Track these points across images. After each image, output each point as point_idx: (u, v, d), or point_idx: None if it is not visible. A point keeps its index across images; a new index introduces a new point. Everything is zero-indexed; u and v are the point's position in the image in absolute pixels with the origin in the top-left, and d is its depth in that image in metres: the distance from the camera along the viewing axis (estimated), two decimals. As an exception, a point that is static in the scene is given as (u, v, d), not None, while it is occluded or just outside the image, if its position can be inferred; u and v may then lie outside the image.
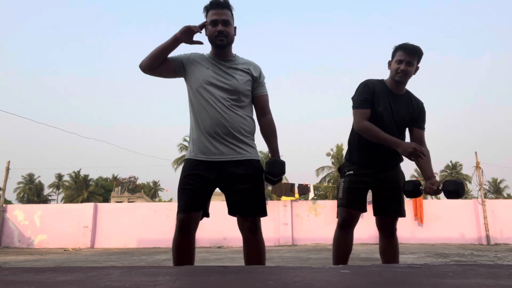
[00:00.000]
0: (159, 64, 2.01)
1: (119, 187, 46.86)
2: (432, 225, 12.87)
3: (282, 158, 2.17)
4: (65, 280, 1.27)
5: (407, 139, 2.58)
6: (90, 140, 51.27)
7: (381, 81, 2.45)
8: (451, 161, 49.78)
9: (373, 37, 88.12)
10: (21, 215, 13.61)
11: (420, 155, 2.13)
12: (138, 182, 54.90)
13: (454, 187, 2.26)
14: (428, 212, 13.02)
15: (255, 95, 2.10)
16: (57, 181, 50.52)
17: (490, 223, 12.69)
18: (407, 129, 2.53)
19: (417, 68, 2.40)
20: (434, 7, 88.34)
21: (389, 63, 2.43)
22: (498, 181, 49.29)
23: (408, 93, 2.49)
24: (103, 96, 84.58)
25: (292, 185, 13.67)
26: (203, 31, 2.04)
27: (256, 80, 2.09)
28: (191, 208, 1.93)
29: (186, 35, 1.97)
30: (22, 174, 48.60)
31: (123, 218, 13.23)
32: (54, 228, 13.30)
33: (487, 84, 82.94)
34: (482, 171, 13.83)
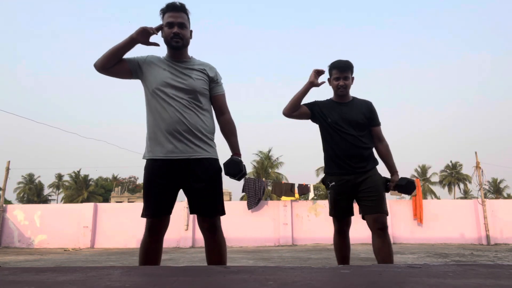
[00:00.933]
0: (114, 63, 2.01)
1: (119, 187, 46.88)
2: (432, 225, 12.86)
3: (281, 158, 2.20)
4: (65, 280, 1.27)
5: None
6: (90, 140, 51.27)
7: (329, 99, 2.79)
8: (451, 161, 49.83)
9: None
10: (21, 215, 13.61)
11: None
12: (138, 182, 54.86)
13: (405, 183, 2.59)
14: (428, 212, 13.02)
15: (212, 95, 2.12)
16: (57, 181, 50.52)
17: (490, 223, 12.69)
18: (367, 127, 2.74)
19: (352, 79, 2.71)
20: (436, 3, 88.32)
21: (329, 80, 2.74)
22: (498, 181, 49.31)
23: (354, 99, 2.75)
24: (103, 96, 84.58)
25: (292, 185, 13.67)
26: (160, 33, 2.05)
27: (213, 80, 2.11)
28: (160, 212, 1.96)
29: (142, 36, 1.98)
30: (22, 174, 48.64)
31: (123, 218, 13.22)
32: (54, 228, 13.30)
33: (487, 84, 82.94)
34: (482, 171, 13.83)
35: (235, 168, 2.03)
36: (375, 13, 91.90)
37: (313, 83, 2.66)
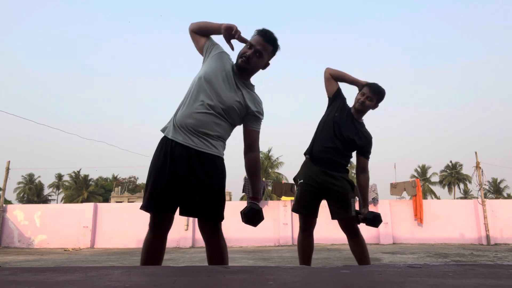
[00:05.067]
0: (201, 35, 2.13)
1: (119, 187, 46.87)
2: (432, 225, 12.86)
3: (280, 159, 2.14)
4: (65, 280, 1.27)
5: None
6: (90, 140, 51.29)
7: (350, 107, 2.88)
8: (451, 161, 49.85)
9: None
10: (21, 215, 13.61)
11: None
12: (138, 182, 54.88)
13: (371, 217, 2.72)
14: (428, 212, 13.02)
15: (247, 128, 2.05)
16: (57, 181, 50.52)
17: (490, 223, 12.69)
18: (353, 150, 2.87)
19: (376, 106, 2.83)
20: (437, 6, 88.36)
21: (357, 96, 2.83)
22: (498, 181, 49.29)
23: (362, 124, 2.88)
24: (103, 96, 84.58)
25: (292, 185, 13.66)
26: (238, 44, 2.07)
27: (252, 113, 2.03)
28: (164, 209, 1.90)
29: (226, 31, 2.00)
30: (22, 174, 48.65)
31: (123, 218, 13.23)
32: (54, 228, 13.31)
33: (487, 84, 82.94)
34: (482, 171, 13.83)
35: (255, 217, 1.95)
36: (379, 13, 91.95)
37: (362, 86, 2.82)
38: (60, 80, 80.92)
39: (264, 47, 2.00)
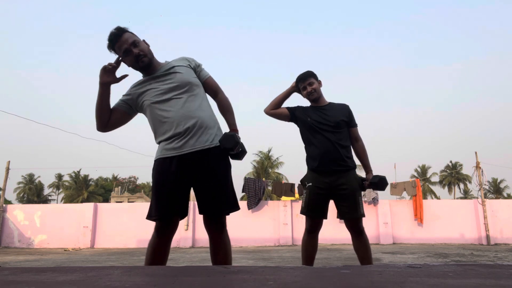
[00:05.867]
0: (108, 117, 2.04)
1: (119, 187, 46.85)
2: (432, 225, 12.86)
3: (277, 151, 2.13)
4: (65, 280, 1.27)
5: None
6: (90, 140, 51.25)
7: (309, 105, 2.98)
8: (451, 161, 49.85)
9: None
10: (21, 215, 13.61)
11: None
12: (138, 182, 54.91)
13: (377, 180, 2.77)
14: (428, 212, 13.02)
15: (203, 80, 2.13)
16: (57, 181, 50.52)
17: (490, 223, 12.69)
18: (346, 128, 2.91)
19: (320, 82, 2.94)
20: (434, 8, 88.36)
21: (302, 94, 2.95)
22: (498, 181, 49.29)
23: (331, 103, 2.95)
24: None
25: (292, 185, 13.67)
26: (123, 64, 2.04)
27: (195, 68, 2.11)
28: (170, 213, 1.91)
29: (107, 76, 1.97)
30: (22, 174, 48.65)
31: (123, 218, 13.23)
32: (54, 228, 13.31)
33: (488, 84, 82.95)
34: (482, 171, 13.83)
35: (230, 141, 1.93)
36: (372, 14, 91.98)
37: (295, 87, 2.96)
38: (60, 80, 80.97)
39: (128, 38, 1.98)
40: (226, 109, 2.14)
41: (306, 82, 2.88)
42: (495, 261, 6.65)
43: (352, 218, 2.72)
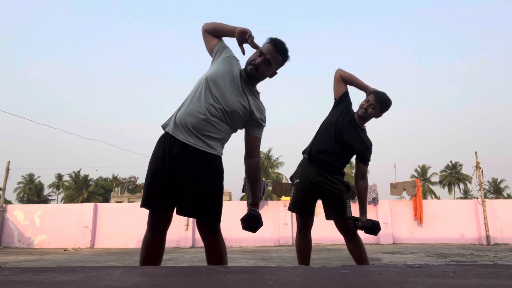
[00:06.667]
0: (213, 36, 2.13)
1: (119, 187, 46.87)
2: (432, 225, 12.86)
3: (281, 159, 2.12)
4: (65, 280, 1.27)
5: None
6: (90, 140, 51.29)
7: (355, 112, 2.87)
8: (451, 161, 49.84)
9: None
10: (21, 215, 13.61)
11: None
12: (138, 182, 54.86)
13: (370, 225, 2.73)
14: (428, 212, 13.02)
15: (249, 133, 2.05)
16: (57, 181, 50.50)
17: (490, 223, 12.68)
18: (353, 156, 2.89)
19: (379, 115, 2.82)
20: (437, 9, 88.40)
21: (363, 101, 2.82)
22: (498, 181, 49.29)
23: (364, 130, 2.88)
24: (103, 96, 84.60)
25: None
26: (247, 51, 2.07)
27: (255, 119, 2.03)
28: (162, 206, 1.89)
29: (241, 35, 2.00)
30: (22, 174, 48.64)
31: (123, 218, 13.23)
32: (54, 228, 13.30)
33: (488, 84, 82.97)
34: (482, 171, 13.83)
35: (254, 223, 1.96)
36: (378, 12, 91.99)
37: (369, 93, 2.81)
38: (60, 80, 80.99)
39: (274, 56, 2.00)
40: (255, 178, 2.07)
41: (375, 103, 2.74)
42: (495, 261, 6.65)
43: (338, 219, 2.73)
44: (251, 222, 1.96)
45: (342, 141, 2.75)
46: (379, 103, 2.75)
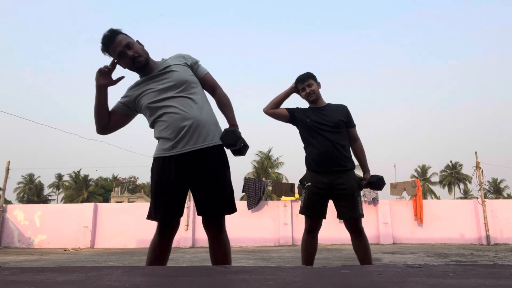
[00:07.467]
0: (107, 120, 2.03)
1: (119, 187, 46.86)
2: (432, 225, 12.87)
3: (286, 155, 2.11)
4: (65, 280, 1.27)
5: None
6: (90, 140, 51.27)
7: (308, 107, 3.00)
8: (451, 161, 49.85)
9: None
10: (21, 215, 13.61)
11: None
12: (138, 182, 54.90)
13: (375, 180, 2.78)
14: (428, 212, 13.02)
15: (200, 76, 2.11)
16: (57, 181, 50.51)
17: (490, 223, 12.69)
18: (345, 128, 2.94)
19: (318, 84, 2.96)
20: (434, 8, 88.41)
21: (301, 95, 2.98)
22: (498, 181, 49.30)
23: (330, 104, 2.99)
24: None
25: (292, 185, 13.67)
26: (120, 66, 2.04)
27: (192, 66, 2.09)
28: (171, 214, 1.92)
29: (103, 78, 1.97)
30: (22, 174, 48.64)
31: (123, 218, 13.23)
32: (54, 228, 13.31)
33: (487, 84, 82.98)
34: (482, 171, 13.84)
35: (231, 136, 1.89)
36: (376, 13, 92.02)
37: (294, 88, 2.98)
38: (60, 80, 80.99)
39: (121, 40, 1.97)
40: (225, 105, 2.09)
41: (305, 83, 2.91)
42: (495, 261, 6.65)
43: (351, 218, 2.73)
44: (228, 137, 1.89)
45: (328, 127, 2.80)
46: (305, 80, 2.91)
